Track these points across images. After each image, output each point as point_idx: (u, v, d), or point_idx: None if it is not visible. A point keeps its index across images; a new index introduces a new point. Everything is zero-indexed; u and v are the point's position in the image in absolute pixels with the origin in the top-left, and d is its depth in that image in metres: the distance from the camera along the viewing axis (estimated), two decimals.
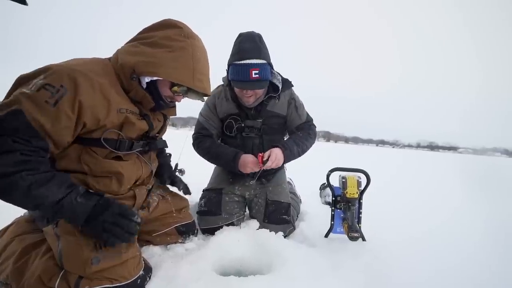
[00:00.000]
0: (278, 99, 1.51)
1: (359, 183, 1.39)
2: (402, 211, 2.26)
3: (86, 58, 0.90)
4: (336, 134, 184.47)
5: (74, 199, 0.78)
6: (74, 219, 0.79)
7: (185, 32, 0.93)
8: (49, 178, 0.75)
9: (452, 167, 9.06)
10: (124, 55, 0.90)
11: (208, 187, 1.59)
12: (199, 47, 0.95)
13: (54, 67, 0.79)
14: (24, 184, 0.71)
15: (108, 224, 0.80)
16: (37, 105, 0.73)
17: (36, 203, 0.74)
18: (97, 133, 0.86)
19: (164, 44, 0.89)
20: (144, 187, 1.09)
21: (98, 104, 0.82)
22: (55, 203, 0.75)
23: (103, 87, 0.84)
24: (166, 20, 0.95)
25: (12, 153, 0.70)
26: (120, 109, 0.88)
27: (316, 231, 1.51)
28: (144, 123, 0.98)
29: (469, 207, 2.61)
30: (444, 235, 1.72)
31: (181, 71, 0.90)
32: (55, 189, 0.75)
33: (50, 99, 0.74)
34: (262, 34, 1.37)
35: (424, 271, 1.21)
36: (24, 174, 0.71)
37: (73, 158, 0.86)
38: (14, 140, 0.71)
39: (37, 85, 0.74)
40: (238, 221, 1.48)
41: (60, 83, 0.75)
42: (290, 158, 1.46)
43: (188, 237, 1.25)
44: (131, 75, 0.88)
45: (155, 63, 0.87)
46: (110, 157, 0.92)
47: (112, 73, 0.90)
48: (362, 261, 1.19)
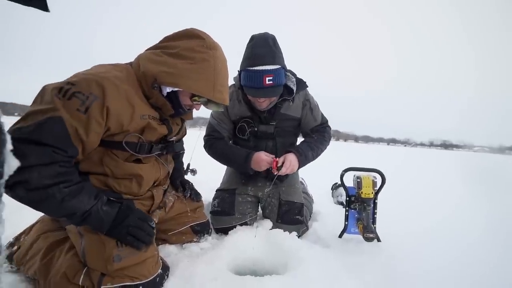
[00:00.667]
0: (293, 101, 1.47)
1: (374, 183, 1.37)
2: (416, 210, 2.22)
3: (109, 64, 0.93)
4: (346, 133, 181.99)
5: (100, 207, 0.82)
6: (100, 227, 0.83)
7: (208, 43, 0.93)
8: (80, 189, 0.79)
9: (463, 165, 8.80)
10: (146, 62, 0.92)
11: (221, 187, 1.61)
12: (220, 58, 0.95)
13: (82, 75, 0.82)
14: (60, 196, 0.74)
15: (132, 228, 0.85)
16: (71, 113, 0.75)
17: (67, 213, 0.77)
18: (119, 137, 0.89)
19: (186, 55, 0.90)
20: (161, 188, 1.12)
21: (123, 110, 0.85)
22: (84, 212, 0.78)
23: (128, 94, 0.86)
24: (189, 30, 0.96)
25: (53, 164, 0.73)
26: (142, 115, 0.91)
27: (329, 231, 1.50)
28: (164, 128, 1.00)
29: (481, 206, 2.53)
30: (457, 234, 1.67)
31: (202, 83, 0.91)
32: (86, 199, 0.79)
33: (81, 106, 0.76)
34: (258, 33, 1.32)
35: (442, 271, 1.18)
36: (62, 186, 0.74)
37: (96, 161, 0.90)
38: (54, 151, 0.73)
39: (68, 94, 0.76)
40: (251, 221, 1.48)
41: (89, 91, 0.78)
42: (305, 163, 1.45)
43: (202, 236, 1.27)
44: (153, 84, 0.90)
45: (177, 75, 0.89)
46: (131, 160, 0.94)
47: (134, 80, 0.92)
48: (378, 262, 1.18)
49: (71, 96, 0.76)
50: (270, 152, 1.51)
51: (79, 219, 0.79)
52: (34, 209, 0.75)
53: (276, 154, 1.50)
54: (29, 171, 0.69)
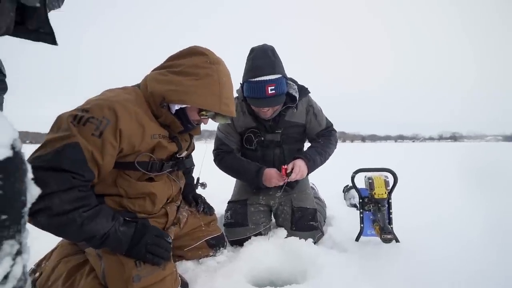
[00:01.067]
0: (296, 108, 1.48)
1: (386, 183, 1.36)
2: (431, 207, 2.15)
3: (118, 88, 0.97)
4: (352, 134, 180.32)
5: (118, 228, 0.83)
6: (119, 248, 0.84)
7: (211, 58, 0.97)
8: (98, 212, 0.80)
9: (473, 158, 8.57)
10: (153, 83, 0.95)
11: (233, 199, 1.61)
12: (224, 72, 0.98)
13: (94, 101, 0.85)
14: (80, 221, 0.75)
15: (150, 246, 0.86)
16: (87, 138, 0.78)
17: (87, 236, 0.79)
18: (131, 157, 0.92)
19: (191, 72, 0.93)
20: (174, 204, 1.14)
21: (135, 131, 0.88)
22: (103, 235, 0.80)
23: (138, 115, 0.89)
24: (192, 48, 0.99)
25: (72, 189, 0.75)
26: (153, 135, 0.94)
27: (345, 235, 1.48)
28: (173, 145, 1.03)
29: (499, 203, 2.45)
30: (478, 229, 1.59)
31: (209, 97, 0.94)
32: (104, 222, 0.81)
33: (95, 131, 0.79)
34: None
35: (465, 270, 1.13)
36: (81, 211, 0.76)
37: (110, 183, 0.92)
38: (73, 176, 0.75)
39: (83, 120, 0.79)
40: (266, 231, 1.47)
41: (102, 115, 0.81)
42: (314, 168, 1.46)
43: (218, 249, 1.26)
44: (161, 103, 0.93)
45: (184, 92, 0.92)
46: (143, 179, 0.97)
47: (143, 101, 0.95)
48: (398, 264, 1.15)
49: (85, 121, 0.79)
50: (278, 159, 1.53)
51: (98, 242, 0.80)
52: (55, 235, 0.76)
53: (284, 161, 1.51)
54: (50, 198, 0.71)
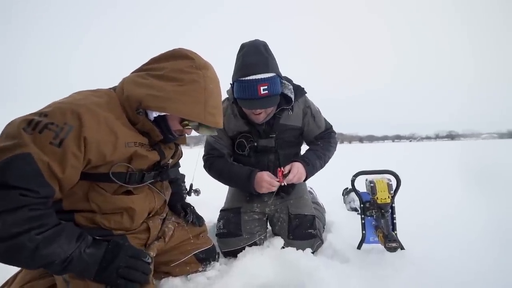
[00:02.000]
0: (292, 110, 1.38)
1: (389, 186, 1.26)
2: (435, 210, 2.06)
3: (88, 90, 0.85)
4: (350, 135, 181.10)
5: (83, 251, 0.71)
6: (86, 272, 0.72)
7: (197, 63, 0.86)
8: (59, 232, 0.68)
9: (470, 156, 8.56)
10: (130, 85, 0.84)
11: (225, 207, 1.50)
12: (211, 78, 0.87)
13: (56, 104, 0.74)
14: (32, 245, 0.63)
15: (123, 269, 0.74)
16: (42, 148, 0.67)
17: (44, 263, 0.67)
18: (104, 168, 0.80)
19: (174, 77, 0.82)
20: (158, 217, 1.03)
21: (104, 139, 0.76)
22: (64, 260, 0.68)
23: (109, 121, 0.78)
24: (177, 50, 0.89)
25: (21, 209, 0.63)
26: (128, 143, 0.82)
27: (346, 242, 1.39)
28: (155, 154, 0.91)
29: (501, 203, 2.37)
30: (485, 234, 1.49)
31: (192, 106, 0.83)
32: (65, 244, 0.68)
33: (54, 139, 0.68)
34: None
35: (478, 282, 1.04)
36: (33, 234, 0.64)
37: (80, 197, 0.80)
38: (22, 193, 0.63)
39: (40, 126, 0.68)
40: (261, 240, 1.37)
41: (64, 121, 0.70)
42: (313, 173, 1.36)
43: (209, 263, 1.16)
44: (137, 108, 0.82)
45: (164, 98, 0.81)
46: (120, 192, 0.85)
47: (117, 105, 0.84)
48: (405, 274, 1.05)
49: (42, 128, 0.67)
50: (273, 166, 1.42)
51: (59, 268, 0.68)
52: (5, 263, 0.64)
53: (279, 167, 1.41)
54: None
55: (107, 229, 0.84)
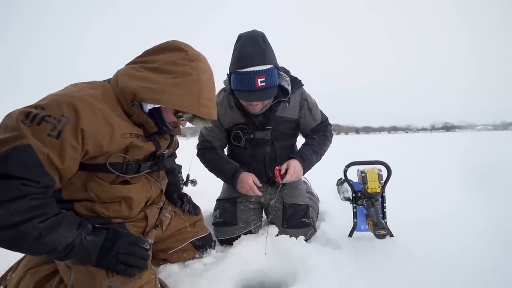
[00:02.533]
0: (288, 102, 1.38)
1: (380, 176, 1.30)
2: (425, 199, 2.12)
3: (84, 82, 0.86)
4: (346, 126, 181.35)
5: (84, 238, 0.74)
6: (86, 259, 0.75)
7: (190, 55, 0.86)
8: (60, 221, 0.71)
9: (465, 148, 8.67)
10: (125, 78, 0.85)
11: (221, 197, 1.54)
12: (205, 70, 0.88)
13: (52, 96, 0.75)
14: (35, 233, 0.66)
15: (122, 255, 0.77)
16: (41, 139, 0.68)
17: (47, 249, 0.69)
18: (102, 159, 0.82)
19: (168, 69, 0.83)
20: (155, 206, 1.06)
21: (101, 130, 0.78)
22: (66, 246, 0.71)
23: (105, 112, 0.79)
24: (170, 42, 0.89)
25: (22, 198, 0.65)
26: (123, 134, 0.84)
27: (339, 230, 1.44)
28: (150, 144, 0.93)
29: (493, 195, 2.44)
30: (470, 221, 1.55)
31: (186, 97, 0.84)
32: (66, 232, 0.71)
33: (52, 131, 0.69)
34: (255, 27, 1.26)
35: (462, 265, 1.09)
36: (36, 222, 0.66)
37: (79, 187, 0.83)
38: (23, 183, 0.65)
39: (37, 118, 0.69)
40: (256, 228, 1.42)
41: (61, 113, 0.71)
42: (309, 168, 1.39)
43: (205, 251, 1.20)
44: (132, 101, 0.83)
45: (158, 90, 0.82)
46: (117, 181, 0.88)
47: (112, 97, 0.85)
48: (393, 261, 1.10)
49: (40, 120, 0.69)
50: (269, 157, 1.46)
51: (62, 254, 0.71)
52: (8, 249, 0.67)
53: (275, 159, 1.44)
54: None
55: (106, 218, 0.87)
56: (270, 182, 1.40)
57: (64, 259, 0.75)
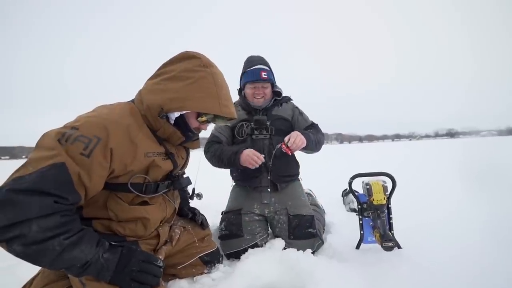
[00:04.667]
0: (281, 105, 1.68)
1: (385, 188, 1.32)
2: (433, 210, 2.11)
3: (111, 104, 0.92)
4: (349, 135, 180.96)
5: (101, 256, 0.77)
6: (102, 275, 0.78)
7: (203, 62, 0.94)
8: (81, 238, 0.74)
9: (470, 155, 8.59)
10: (148, 95, 0.91)
11: (227, 209, 1.57)
12: (218, 74, 0.95)
13: (84, 118, 0.80)
14: (60, 249, 0.69)
15: (136, 273, 0.80)
16: (74, 158, 0.73)
17: (67, 265, 0.72)
18: (124, 178, 0.86)
19: (185, 76, 0.90)
20: (167, 225, 1.09)
21: (126, 150, 0.83)
22: (84, 263, 0.74)
23: (131, 131, 0.84)
24: (184, 53, 0.96)
25: (54, 215, 0.69)
26: (147, 153, 0.89)
27: (345, 242, 1.43)
28: (169, 163, 0.98)
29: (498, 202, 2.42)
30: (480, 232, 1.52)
31: (207, 100, 0.90)
32: (87, 249, 0.74)
33: (84, 150, 0.74)
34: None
35: (471, 277, 1.08)
36: (62, 238, 0.69)
37: (100, 205, 0.87)
38: (56, 200, 0.69)
39: (71, 138, 0.74)
40: (262, 241, 1.43)
41: (93, 133, 0.76)
42: (309, 142, 1.45)
43: (213, 266, 1.21)
44: (160, 113, 0.89)
45: (181, 98, 0.88)
46: (136, 202, 0.92)
47: (138, 116, 0.90)
48: (402, 273, 1.10)
49: (74, 140, 0.74)
50: (268, 149, 1.54)
51: (80, 270, 0.74)
52: (31, 263, 0.70)
53: (273, 153, 1.51)
54: (27, 225, 0.65)
55: (121, 236, 0.90)
56: (270, 176, 1.51)
57: (80, 276, 0.77)
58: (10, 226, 0.64)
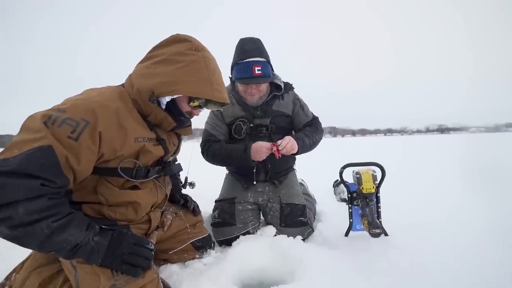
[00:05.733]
0: (282, 98, 1.54)
1: (374, 177, 1.35)
2: (419, 200, 2.18)
3: (101, 87, 0.90)
4: (342, 129, 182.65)
5: (91, 239, 0.77)
6: (93, 258, 0.77)
7: (195, 45, 0.91)
8: (70, 221, 0.73)
9: (460, 149, 8.80)
10: (139, 79, 0.89)
11: (220, 198, 1.57)
12: (210, 59, 0.93)
13: (72, 101, 0.78)
14: (48, 231, 0.68)
15: (127, 255, 0.80)
16: (61, 141, 0.71)
17: (56, 248, 0.72)
18: (113, 163, 0.85)
19: (176, 59, 0.88)
20: (159, 210, 1.09)
21: (116, 134, 0.81)
22: (74, 246, 0.74)
23: (121, 116, 0.83)
24: (174, 36, 0.93)
25: (41, 198, 0.68)
26: (137, 138, 0.88)
27: (335, 230, 1.47)
28: (160, 149, 0.97)
29: (483, 193, 2.50)
30: (464, 223, 1.60)
31: (199, 84, 0.89)
32: (77, 232, 0.74)
33: (72, 133, 0.72)
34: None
35: (453, 262, 1.13)
36: (50, 221, 0.69)
37: (89, 189, 0.86)
38: (42, 183, 0.68)
39: (58, 121, 0.72)
40: (254, 229, 1.45)
41: (80, 116, 0.75)
42: (303, 148, 1.44)
43: (205, 251, 1.22)
44: (150, 98, 0.87)
45: (173, 81, 0.86)
46: (127, 186, 0.91)
47: (128, 100, 0.89)
48: (388, 259, 1.14)
49: (61, 123, 0.72)
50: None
51: (69, 253, 0.74)
52: (20, 245, 0.69)
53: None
54: (13, 207, 0.64)
55: (112, 220, 0.90)
56: (268, 175, 1.50)
57: (71, 258, 0.77)
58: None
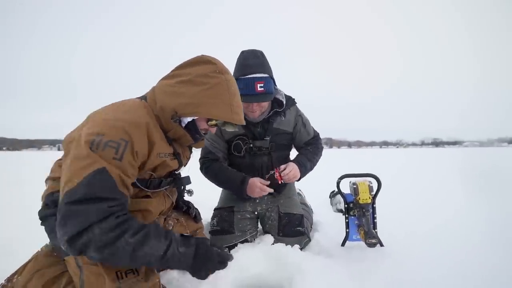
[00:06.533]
0: (284, 116, 1.51)
1: (370, 188, 1.38)
2: (416, 211, 2.22)
3: (125, 101, 0.94)
4: (339, 140, 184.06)
5: (177, 249, 0.84)
6: (181, 267, 0.89)
7: (219, 68, 0.95)
8: (147, 234, 0.79)
9: (455, 162, 8.93)
10: (162, 96, 0.94)
11: (219, 206, 1.59)
12: (232, 82, 0.97)
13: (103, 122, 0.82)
14: (129, 248, 0.75)
15: (212, 270, 0.95)
16: (110, 163, 0.77)
17: (144, 262, 0.79)
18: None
19: (201, 81, 0.92)
20: (163, 217, 1.13)
21: (146, 149, 0.88)
22: (160, 258, 0.80)
23: (149, 130, 0.88)
24: (200, 57, 0.98)
25: (110, 217, 0.74)
26: (159, 154, 0.93)
27: (332, 240, 1.49)
28: (175, 162, 1.02)
29: (479, 203, 2.55)
30: (460, 233, 1.65)
31: (220, 107, 0.93)
32: (156, 244, 0.80)
33: (116, 154, 0.78)
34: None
35: (447, 273, 1.16)
36: (127, 237, 0.75)
37: None
38: (108, 205, 0.74)
39: (101, 145, 0.77)
40: (252, 238, 1.47)
41: (119, 137, 0.80)
42: (305, 174, 1.49)
43: None
44: (173, 117, 0.92)
45: (196, 104, 0.91)
46: (140, 195, 0.96)
47: (152, 116, 0.93)
48: (383, 268, 1.16)
49: (104, 146, 0.77)
50: (266, 167, 1.53)
51: (159, 264, 0.83)
52: (117, 265, 0.79)
53: (272, 169, 1.50)
54: (91, 230, 0.71)
55: None
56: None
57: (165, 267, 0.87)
58: (78, 235, 0.71)
